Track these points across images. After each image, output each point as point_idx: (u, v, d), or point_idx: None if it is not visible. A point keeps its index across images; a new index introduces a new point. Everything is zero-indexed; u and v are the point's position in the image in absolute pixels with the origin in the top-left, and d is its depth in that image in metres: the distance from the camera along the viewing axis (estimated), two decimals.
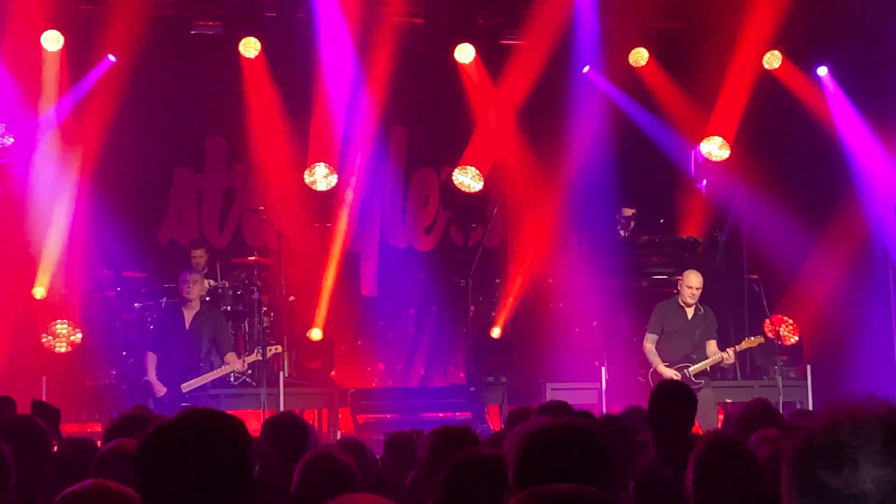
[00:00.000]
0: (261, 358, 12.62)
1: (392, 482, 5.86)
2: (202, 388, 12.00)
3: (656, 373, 12.25)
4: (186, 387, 11.88)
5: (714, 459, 4.53)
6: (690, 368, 12.19)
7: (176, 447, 2.91)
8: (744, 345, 12.60)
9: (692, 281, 12.36)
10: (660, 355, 12.35)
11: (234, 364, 12.08)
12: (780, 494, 2.06)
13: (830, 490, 1.97)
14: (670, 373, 12.10)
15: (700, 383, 12.12)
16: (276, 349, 12.87)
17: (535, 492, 2.61)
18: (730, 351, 12.29)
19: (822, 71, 15.90)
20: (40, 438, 5.70)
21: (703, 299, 12.52)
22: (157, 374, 11.94)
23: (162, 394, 11.75)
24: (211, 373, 11.99)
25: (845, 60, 15.53)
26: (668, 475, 5.16)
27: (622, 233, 15.01)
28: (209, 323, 12.22)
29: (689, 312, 12.39)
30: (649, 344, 12.46)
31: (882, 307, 14.58)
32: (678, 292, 12.47)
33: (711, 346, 12.37)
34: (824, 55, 15.77)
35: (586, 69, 16.04)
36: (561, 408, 6.88)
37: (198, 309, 12.21)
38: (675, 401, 6.38)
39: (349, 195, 15.87)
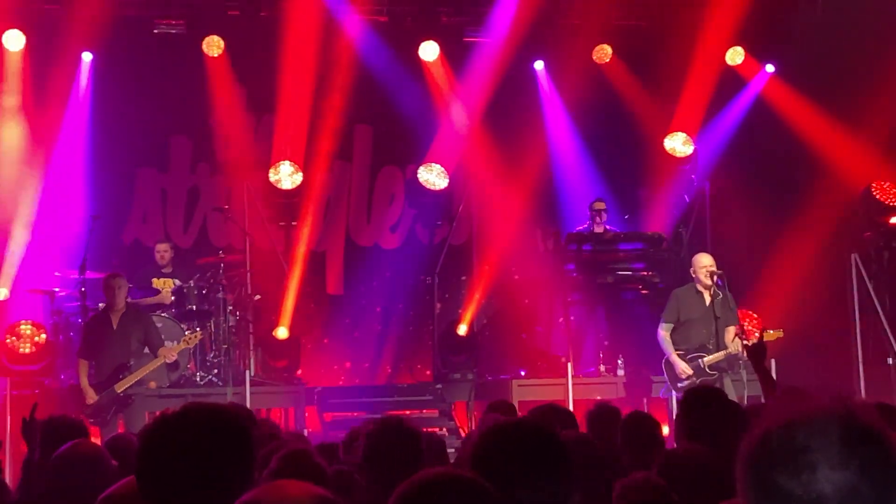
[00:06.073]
0: (187, 345, 12.65)
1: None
2: (139, 383, 12.12)
3: (669, 362, 12.21)
4: (120, 387, 11.92)
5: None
6: (705, 359, 11.99)
7: (177, 439, 2.92)
8: (763, 338, 12.45)
9: (704, 261, 12.19)
10: (675, 344, 12.16)
11: (161, 356, 12.12)
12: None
13: (790, 495, 1.93)
14: (682, 365, 12.04)
15: (714, 375, 11.97)
16: (198, 335, 12.88)
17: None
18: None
19: (769, 68, 16.06)
20: None
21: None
22: (91, 379, 12.10)
23: (92, 402, 11.82)
24: (141, 369, 12.04)
25: (806, 55, 15.64)
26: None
27: (600, 227, 14.80)
28: (136, 323, 12.29)
29: (707, 298, 12.14)
30: (664, 332, 12.26)
31: (843, 300, 14.69)
32: (694, 278, 12.30)
33: (730, 333, 12.08)
34: (785, 51, 15.89)
35: (539, 66, 16.19)
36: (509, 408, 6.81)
37: (124, 311, 12.28)
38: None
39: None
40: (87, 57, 15.01)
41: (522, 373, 14.42)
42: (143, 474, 2.95)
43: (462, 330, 14.89)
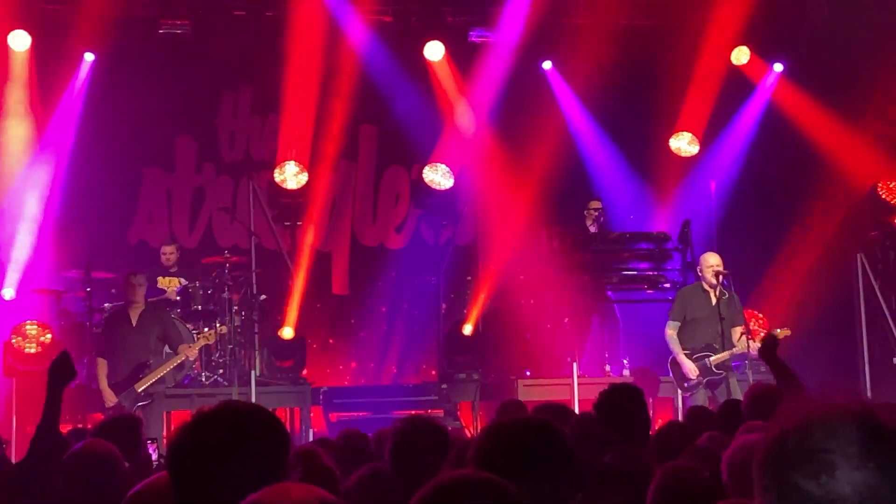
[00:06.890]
0: (207, 341, 12.71)
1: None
2: (160, 381, 12.15)
3: (675, 362, 12.19)
4: (140, 386, 11.92)
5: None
6: (711, 358, 12.00)
7: (213, 437, 2.90)
8: (773, 334, 12.45)
9: (711, 260, 12.21)
10: (681, 343, 12.18)
11: (183, 353, 12.14)
12: None
13: (809, 496, 1.91)
14: (689, 364, 12.03)
15: (721, 374, 12.00)
16: (221, 329, 12.91)
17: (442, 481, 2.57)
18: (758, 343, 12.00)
19: (778, 67, 16.04)
20: None
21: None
22: (110, 378, 12.11)
23: (111, 404, 11.80)
24: (162, 366, 12.05)
25: (811, 55, 15.62)
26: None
27: (592, 228, 14.88)
28: (155, 320, 12.31)
29: (713, 297, 12.15)
30: (670, 331, 12.28)
31: (849, 300, 14.67)
32: (700, 277, 12.34)
33: (736, 333, 12.10)
34: (790, 50, 15.87)
35: (548, 65, 16.19)
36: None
37: (143, 308, 12.30)
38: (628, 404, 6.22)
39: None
40: (89, 57, 15.00)
41: (528, 373, 14.41)
42: (177, 472, 2.94)
43: (467, 330, 14.89)
